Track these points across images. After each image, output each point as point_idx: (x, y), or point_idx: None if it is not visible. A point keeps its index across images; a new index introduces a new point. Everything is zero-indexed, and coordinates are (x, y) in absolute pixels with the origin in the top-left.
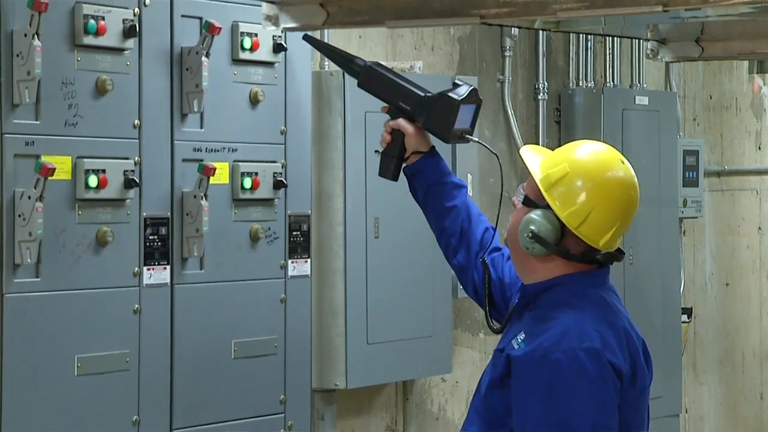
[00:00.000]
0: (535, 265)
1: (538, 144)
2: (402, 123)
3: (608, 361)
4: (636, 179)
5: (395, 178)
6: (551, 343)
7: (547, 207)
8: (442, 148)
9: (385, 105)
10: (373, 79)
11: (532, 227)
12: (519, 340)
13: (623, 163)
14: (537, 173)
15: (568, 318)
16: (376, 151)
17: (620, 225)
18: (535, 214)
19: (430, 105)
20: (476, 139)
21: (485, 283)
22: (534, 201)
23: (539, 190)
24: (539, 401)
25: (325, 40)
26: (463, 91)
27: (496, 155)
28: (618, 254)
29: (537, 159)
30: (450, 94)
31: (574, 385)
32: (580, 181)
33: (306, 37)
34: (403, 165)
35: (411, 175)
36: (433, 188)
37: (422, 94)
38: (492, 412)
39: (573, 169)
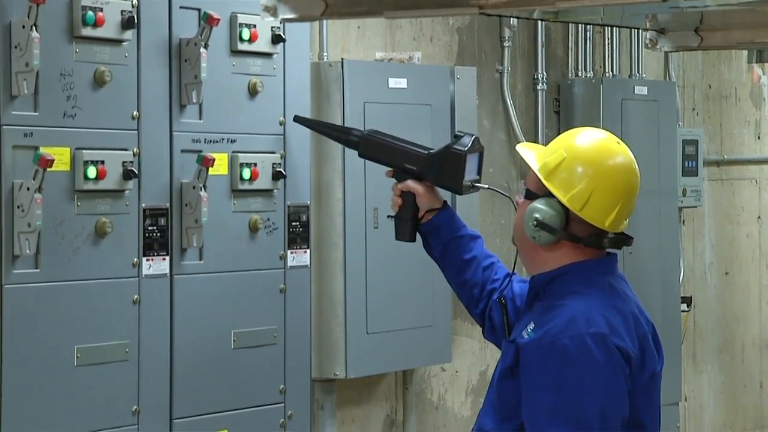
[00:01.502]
0: (543, 255)
1: (537, 134)
2: (411, 184)
3: (616, 346)
4: (633, 157)
5: (413, 239)
6: (558, 329)
7: (549, 195)
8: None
9: (389, 170)
10: (373, 147)
11: (537, 215)
12: (528, 330)
13: (619, 143)
14: (535, 164)
15: (576, 305)
16: (389, 216)
17: (623, 204)
18: (538, 203)
19: (438, 161)
20: (486, 186)
21: (504, 319)
22: (535, 192)
23: (539, 180)
24: (547, 388)
25: (324, 33)
26: (466, 141)
27: (510, 198)
28: (627, 238)
29: (533, 153)
30: (455, 147)
31: (581, 370)
32: (577, 164)
33: (297, 119)
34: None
35: (427, 233)
36: (451, 243)
37: (425, 152)
38: (505, 403)
39: (570, 153)
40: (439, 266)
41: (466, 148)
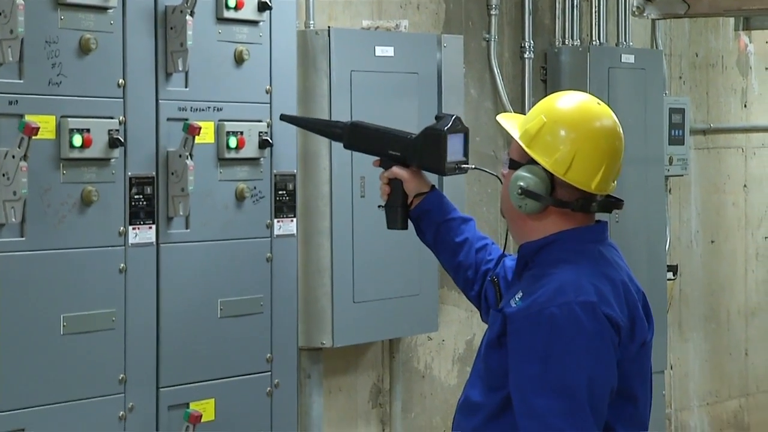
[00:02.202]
0: (531, 224)
1: (524, 103)
2: (396, 170)
3: (604, 314)
4: (614, 117)
5: (405, 227)
6: (546, 298)
7: (533, 162)
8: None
9: (376, 159)
10: (358, 136)
11: (521, 183)
12: (516, 299)
13: (599, 104)
14: (515, 132)
15: (564, 273)
16: (379, 206)
17: (608, 164)
18: (522, 171)
19: (419, 143)
20: (473, 166)
21: (497, 297)
22: (519, 161)
23: (521, 148)
24: (534, 358)
25: (311, 1)
26: (446, 121)
27: (498, 177)
28: (616, 201)
29: (514, 122)
30: (434, 127)
31: (569, 339)
32: (558, 127)
33: (283, 117)
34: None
35: (418, 218)
36: (442, 226)
37: (408, 136)
38: (492, 374)
39: (549, 118)
40: (434, 252)
41: (445, 128)
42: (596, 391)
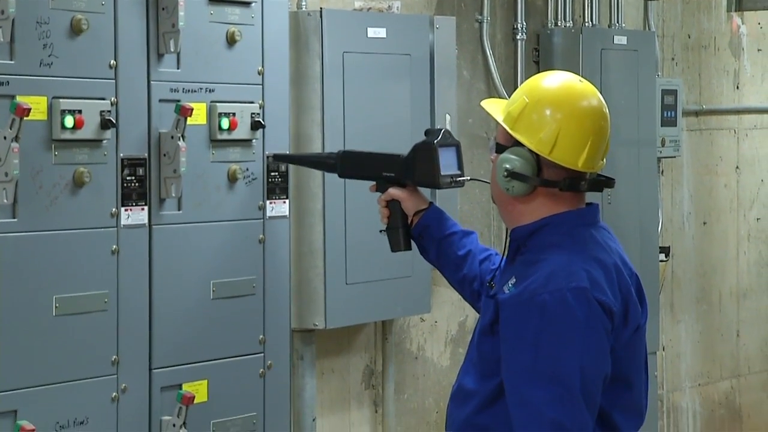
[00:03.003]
0: (520, 208)
1: (517, 84)
2: (393, 191)
3: (597, 300)
4: (598, 94)
5: (408, 247)
6: (538, 284)
7: (518, 144)
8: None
9: (372, 184)
10: (350, 163)
11: (506, 165)
12: (509, 285)
13: (581, 81)
14: (498, 115)
15: (556, 259)
16: (381, 231)
17: (594, 140)
18: (507, 153)
19: (411, 160)
20: (469, 178)
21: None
22: (504, 144)
23: (506, 131)
24: (526, 345)
25: None
26: (436, 134)
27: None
28: (607, 180)
29: (497, 106)
30: (425, 141)
31: (560, 327)
32: (540, 107)
33: (276, 157)
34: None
35: (419, 236)
36: (444, 242)
37: (399, 156)
38: (485, 361)
39: (531, 98)
40: (438, 269)
41: (435, 141)
42: (588, 379)
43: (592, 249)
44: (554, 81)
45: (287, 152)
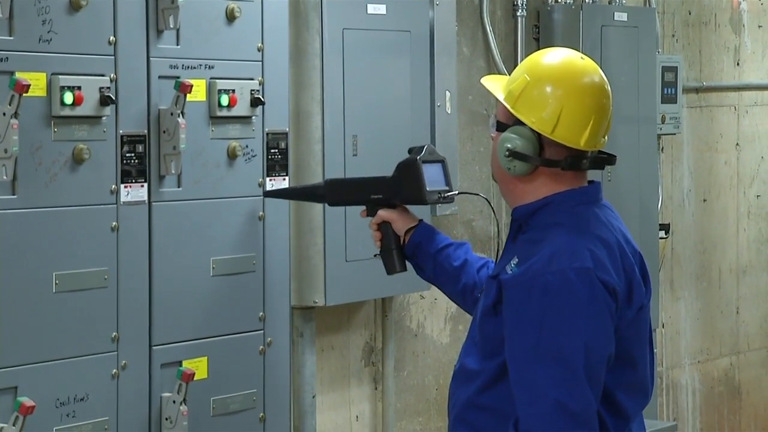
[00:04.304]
0: (522, 188)
1: (517, 61)
2: (383, 213)
3: (600, 280)
4: (600, 70)
5: (404, 268)
6: (541, 265)
7: (519, 123)
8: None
9: (362, 210)
10: (338, 190)
11: (508, 145)
12: (512, 265)
13: (582, 59)
14: (500, 93)
15: (559, 238)
16: (375, 255)
17: (596, 118)
18: (508, 132)
19: (397, 179)
20: (457, 192)
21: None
22: (505, 123)
23: (507, 109)
24: (530, 326)
25: None
26: (419, 151)
27: (486, 199)
28: (609, 157)
29: (498, 84)
30: (408, 158)
31: (564, 307)
32: (542, 85)
33: (266, 194)
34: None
35: (413, 255)
36: (438, 256)
37: (384, 177)
38: (488, 341)
39: (533, 76)
40: (438, 286)
41: (418, 157)
42: (593, 359)
43: (595, 227)
44: (555, 58)
45: (276, 188)
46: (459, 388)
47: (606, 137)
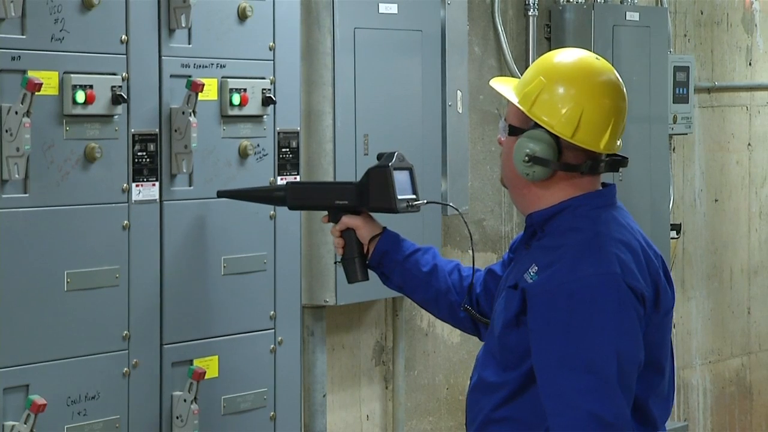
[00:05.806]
0: (538, 193)
1: (528, 61)
2: (347, 220)
3: (629, 286)
4: (615, 71)
5: (366, 277)
6: (565, 272)
7: (535, 127)
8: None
9: (324, 215)
10: (300, 194)
11: (527, 150)
12: (531, 273)
13: (598, 59)
14: (514, 97)
15: (581, 243)
16: (335, 262)
17: (616, 120)
18: (526, 137)
19: (366, 185)
20: (425, 202)
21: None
22: (520, 127)
23: (521, 113)
24: (558, 336)
25: None
26: (389, 157)
27: (456, 209)
28: (622, 159)
29: (509, 86)
30: (378, 165)
31: (593, 314)
32: (560, 87)
33: (220, 194)
34: (367, 260)
35: (379, 264)
36: (406, 263)
37: (350, 183)
38: (509, 353)
39: (549, 78)
40: (407, 294)
41: (389, 163)
42: (625, 367)
43: (617, 231)
44: (571, 59)
45: (230, 188)
46: (479, 401)
47: (620, 140)
